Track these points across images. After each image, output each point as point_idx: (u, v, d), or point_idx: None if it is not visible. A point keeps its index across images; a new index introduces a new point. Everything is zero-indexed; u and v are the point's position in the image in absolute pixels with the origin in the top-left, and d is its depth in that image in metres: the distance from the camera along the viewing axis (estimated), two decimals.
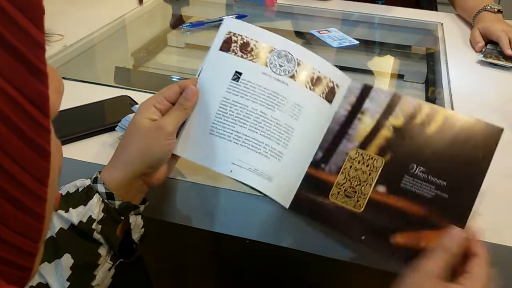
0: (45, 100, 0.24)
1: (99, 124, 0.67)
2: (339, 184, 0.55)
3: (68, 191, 0.51)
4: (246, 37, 0.57)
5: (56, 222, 0.49)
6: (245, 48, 0.57)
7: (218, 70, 0.57)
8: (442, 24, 1.18)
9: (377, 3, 1.32)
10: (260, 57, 0.57)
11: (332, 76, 0.58)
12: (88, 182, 0.52)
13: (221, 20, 1.17)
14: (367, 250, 0.54)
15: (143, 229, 0.56)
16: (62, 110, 0.69)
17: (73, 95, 0.75)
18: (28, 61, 0.23)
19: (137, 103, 0.71)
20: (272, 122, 0.56)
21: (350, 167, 0.55)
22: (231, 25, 0.58)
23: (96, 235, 0.50)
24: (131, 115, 0.64)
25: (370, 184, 0.54)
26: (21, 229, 0.24)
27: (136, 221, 0.54)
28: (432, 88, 0.98)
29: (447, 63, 0.97)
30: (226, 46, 0.57)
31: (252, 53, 0.57)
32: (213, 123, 0.56)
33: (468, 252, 0.47)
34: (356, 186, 0.54)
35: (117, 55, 1.08)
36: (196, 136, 0.56)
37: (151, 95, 0.78)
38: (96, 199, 0.50)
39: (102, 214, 0.50)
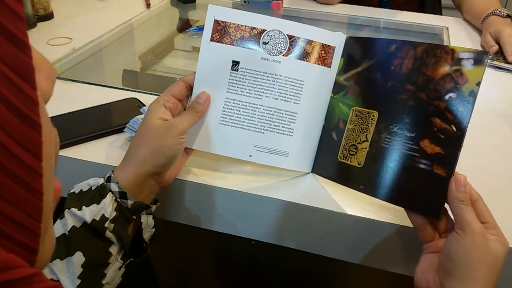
0: (31, 70, 0.24)
1: (108, 125, 0.68)
2: (344, 144, 0.57)
3: (81, 189, 0.52)
4: (233, 23, 0.58)
5: (69, 219, 0.50)
6: (235, 35, 0.58)
7: (215, 62, 0.58)
8: (447, 28, 1.18)
9: (383, 8, 1.33)
10: (253, 42, 0.58)
11: (325, 40, 0.59)
12: (101, 181, 0.52)
13: None
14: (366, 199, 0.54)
15: (154, 229, 0.56)
16: (71, 112, 0.70)
17: (81, 97, 0.76)
18: (10, 34, 0.23)
19: (145, 105, 0.72)
20: (277, 101, 0.58)
21: (351, 124, 0.57)
22: (216, 13, 0.58)
23: (108, 234, 0.50)
24: (139, 117, 0.65)
25: (367, 140, 0.55)
26: (20, 204, 0.24)
27: (147, 221, 0.55)
28: None
29: None
30: (216, 36, 0.58)
31: (244, 39, 0.58)
32: (222, 113, 0.58)
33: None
34: (357, 143, 0.56)
35: (124, 58, 1.09)
36: (207, 128, 0.58)
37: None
38: (109, 197, 0.51)
39: (115, 213, 0.51)
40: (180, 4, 1.33)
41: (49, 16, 1.10)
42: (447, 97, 0.50)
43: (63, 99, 0.75)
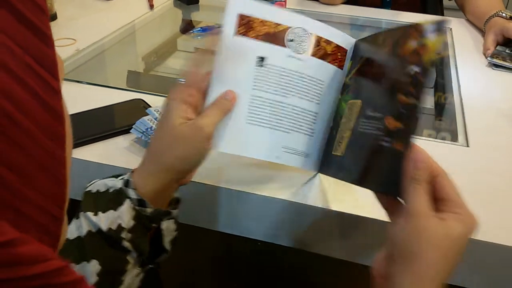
0: (54, 63, 0.25)
1: (114, 126, 0.68)
2: (337, 138, 0.57)
3: (98, 190, 0.49)
4: (258, 18, 0.54)
5: (84, 223, 0.48)
6: (260, 30, 0.54)
7: (237, 57, 0.54)
8: (450, 29, 1.18)
9: (385, 8, 1.33)
10: (278, 38, 0.55)
11: (341, 42, 0.58)
12: (119, 184, 0.49)
13: None
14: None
15: (176, 231, 0.53)
16: (77, 113, 0.70)
17: (86, 98, 0.76)
18: (35, 27, 0.24)
19: (150, 106, 0.72)
20: (302, 100, 0.57)
21: (344, 118, 0.57)
22: (240, 6, 0.54)
23: (125, 243, 0.47)
24: (146, 118, 0.65)
25: (350, 128, 0.55)
26: (44, 190, 0.24)
27: (168, 227, 0.52)
28: (439, 94, 0.98)
29: (456, 68, 0.98)
30: (241, 29, 0.54)
31: (269, 34, 0.54)
32: (249, 111, 0.55)
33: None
34: (344, 134, 0.56)
35: (128, 59, 1.09)
36: (233, 128, 0.54)
37: (164, 98, 0.79)
38: (126, 205, 0.48)
39: (133, 222, 0.48)
40: (183, 5, 1.33)
41: (52, 17, 1.10)
42: (412, 71, 0.49)
43: (68, 100, 0.74)
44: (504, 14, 1.07)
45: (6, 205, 0.23)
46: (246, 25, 0.54)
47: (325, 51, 0.58)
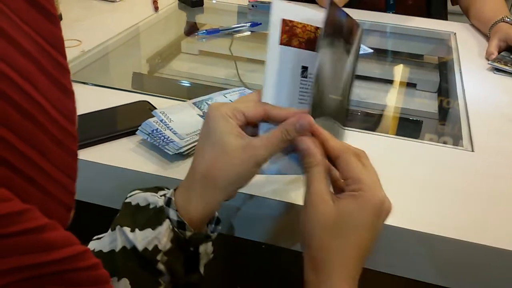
0: (61, 42, 0.26)
1: (119, 128, 0.68)
2: None
3: (138, 203, 0.47)
4: (300, 22, 0.48)
5: (119, 238, 0.45)
6: (303, 36, 0.48)
7: (284, 68, 0.48)
8: (455, 33, 1.18)
9: (387, 12, 1.33)
10: (310, 41, 0.49)
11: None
12: (160, 202, 0.46)
13: (234, 28, 1.19)
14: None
15: (213, 254, 0.50)
16: (83, 114, 0.70)
17: (91, 99, 0.76)
18: (43, 8, 0.25)
19: (156, 108, 0.72)
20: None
21: None
22: (282, 11, 0.47)
23: (160, 266, 0.45)
24: (152, 120, 0.65)
25: None
26: (62, 166, 0.26)
27: (206, 250, 0.49)
28: (442, 98, 0.98)
29: (461, 72, 0.98)
30: (284, 38, 0.47)
31: (310, 40, 0.49)
32: None
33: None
34: None
35: (133, 61, 1.09)
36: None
37: (170, 100, 0.80)
38: (165, 226, 0.45)
39: (170, 245, 0.45)
40: (187, 8, 1.33)
41: None
42: None
43: None
44: (509, 20, 1.07)
45: (36, 185, 0.24)
46: (289, 32, 0.48)
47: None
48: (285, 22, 0.47)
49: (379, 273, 0.59)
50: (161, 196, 0.47)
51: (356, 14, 1.28)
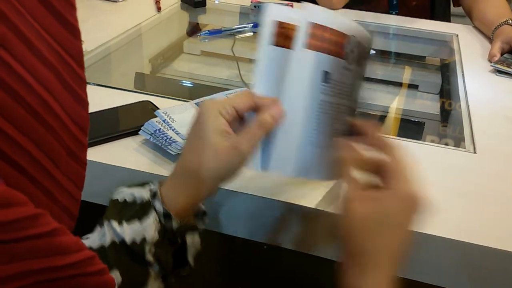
0: (81, 53, 0.26)
1: (122, 128, 0.68)
2: None
3: (125, 199, 0.48)
4: (326, 26, 0.47)
5: (108, 233, 0.47)
6: (326, 40, 0.48)
7: (301, 72, 0.48)
8: (457, 35, 1.18)
9: (390, 13, 1.33)
10: (339, 48, 0.48)
11: (369, 45, 0.53)
12: (146, 196, 0.48)
13: (236, 29, 1.19)
14: None
15: (201, 245, 0.52)
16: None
17: (94, 99, 0.76)
18: (65, 20, 0.25)
19: (158, 108, 0.72)
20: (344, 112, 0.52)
21: None
22: (310, 15, 0.47)
23: (149, 257, 0.46)
24: (154, 120, 0.65)
25: None
26: (70, 174, 0.26)
27: (193, 241, 0.50)
28: (444, 99, 0.98)
29: (463, 74, 0.98)
30: (311, 42, 0.47)
31: (332, 44, 0.48)
32: (307, 132, 0.49)
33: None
34: None
35: (135, 61, 1.09)
36: (288, 149, 0.49)
37: (172, 100, 0.80)
38: (152, 218, 0.46)
39: (158, 237, 0.47)
40: (190, 8, 1.33)
41: None
42: None
43: None
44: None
45: (43, 189, 0.24)
46: (313, 36, 0.47)
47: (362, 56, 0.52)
48: (277, 24, 0.49)
49: None
50: (147, 190, 0.49)
51: (359, 16, 1.28)
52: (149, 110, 0.72)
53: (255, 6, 1.29)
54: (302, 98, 0.48)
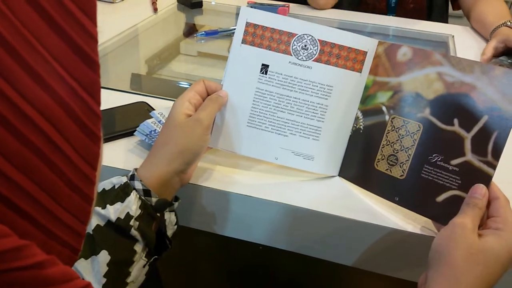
0: (98, 88, 0.25)
1: (118, 129, 0.68)
2: (382, 152, 0.57)
3: (104, 188, 0.52)
4: (265, 26, 0.58)
5: (93, 218, 0.49)
6: (266, 38, 0.58)
7: (244, 64, 0.59)
8: (453, 36, 1.19)
9: (388, 15, 1.33)
10: (283, 46, 0.58)
11: (358, 45, 0.59)
12: (124, 179, 0.52)
13: (232, 29, 1.19)
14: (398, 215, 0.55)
15: (176, 225, 0.57)
16: None
17: None
18: (83, 52, 0.24)
19: (154, 109, 0.72)
20: (305, 105, 0.59)
21: (391, 133, 0.57)
22: (248, 15, 0.59)
23: (133, 232, 0.50)
24: (150, 121, 0.65)
25: (410, 153, 0.55)
26: (73, 209, 0.25)
27: (170, 218, 0.55)
28: None
29: None
30: (248, 38, 0.59)
31: (274, 42, 0.58)
32: (250, 116, 0.60)
33: (490, 198, 0.49)
34: (397, 153, 0.56)
35: (131, 62, 1.09)
36: (234, 129, 0.60)
37: (168, 101, 0.80)
38: (133, 195, 0.51)
39: (139, 211, 0.51)
40: (186, 9, 1.33)
41: None
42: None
43: None
44: (511, 24, 1.06)
45: (39, 225, 0.23)
46: (253, 34, 0.58)
47: (336, 55, 0.58)
48: (249, 25, 0.58)
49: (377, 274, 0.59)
50: (124, 176, 0.53)
51: (357, 17, 1.28)
52: (144, 111, 0.72)
53: (251, 7, 1.29)
54: (243, 87, 0.59)
